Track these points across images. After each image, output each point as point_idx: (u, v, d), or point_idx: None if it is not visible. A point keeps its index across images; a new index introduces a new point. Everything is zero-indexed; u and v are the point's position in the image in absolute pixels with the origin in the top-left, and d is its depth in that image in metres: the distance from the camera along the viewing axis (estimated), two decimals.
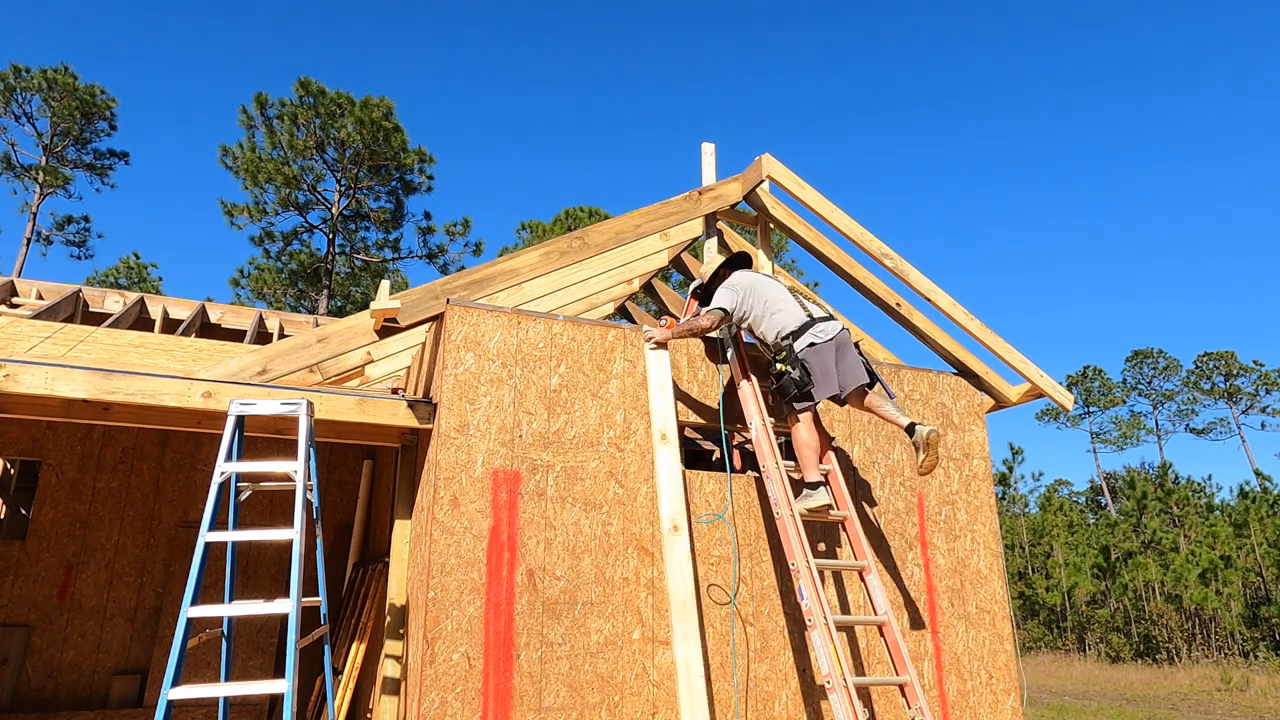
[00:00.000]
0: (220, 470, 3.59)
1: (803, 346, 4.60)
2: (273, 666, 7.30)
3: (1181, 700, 15.33)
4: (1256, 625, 22.62)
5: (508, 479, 4.25)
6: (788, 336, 4.67)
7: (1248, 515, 24.96)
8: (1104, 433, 54.11)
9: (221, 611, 3.48)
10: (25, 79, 27.61)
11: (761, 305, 4.78)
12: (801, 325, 4.66)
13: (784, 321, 4.70)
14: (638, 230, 5.31)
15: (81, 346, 6.23)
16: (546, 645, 4.09)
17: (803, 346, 4.60)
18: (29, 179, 28.66)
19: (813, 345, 4.59)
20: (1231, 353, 51.24)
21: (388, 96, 26.24)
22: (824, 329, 4.66)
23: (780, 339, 4.69)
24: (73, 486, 7.25)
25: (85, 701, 6.88)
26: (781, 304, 4.76)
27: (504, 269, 4.75)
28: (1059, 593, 26.18)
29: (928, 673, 4.99)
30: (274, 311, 9.73)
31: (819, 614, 4.05)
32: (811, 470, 4.53)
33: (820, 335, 4.63)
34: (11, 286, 8.78)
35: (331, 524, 7.73)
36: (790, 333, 4.66)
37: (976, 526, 5.50)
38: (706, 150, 5.84)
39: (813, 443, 4.57)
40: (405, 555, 4.79)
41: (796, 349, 4.60)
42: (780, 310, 4.74)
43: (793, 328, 4.67)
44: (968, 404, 5.80)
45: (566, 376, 4.56)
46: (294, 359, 4.60)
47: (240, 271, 27.23)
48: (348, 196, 26.65)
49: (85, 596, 7.08)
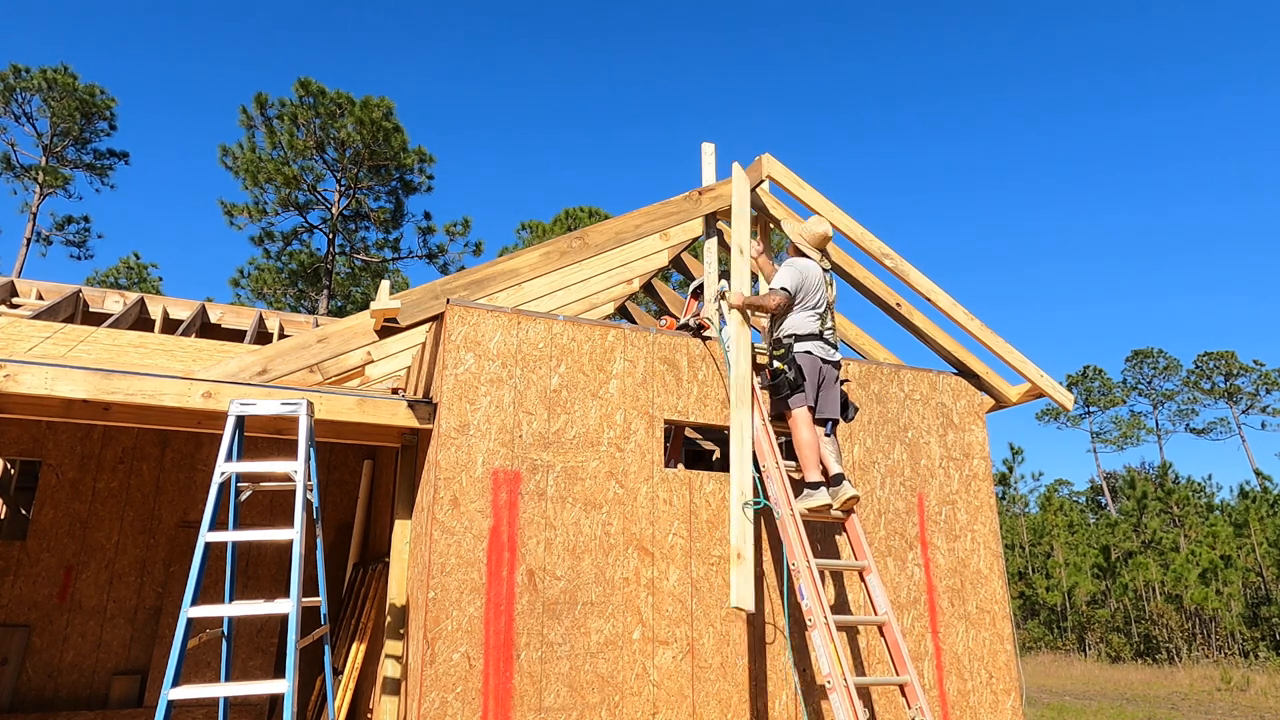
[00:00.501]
0: (220, 470, 3.60)
1: (800, 350, 4.74)
2: (273, 666, 7.30)
3: (1182, 700, 15.33)
4: (1257, 625, 22.62)
5: (508, 479, 4.25)
6: (790, 337, 4.79)
7: (1248, 515, 24.96)
8: (1104, 433, 54.11)
9: (221, 611, 3.48)
10: (25, 79, 27.59)
11: (803, 298, 4.90)
12: (809, 334, 4.80)
13: (802, 324, 4.83)
14: (638, 230, 5.31)
15: (81, 347, 6.23)
16: (546, 645, 4.09)
17: (800, 350, 4.74)
18: (29, 179, 28.65)
19: (809, 353, 4.75)
20: (1231, 353, 51.23)
21: (388, 96, 26.23)
22: (825, 350, 4.81)
23: (784, 336, 4.81)
24: (73, 486, 7.25)
25: (85, 701, 6.88)
26: (813, 308, 4.88)
27: (504, 269, 4.75)
28: (1059, 593, 26.18)
29: (928, 672, 4.99)
30: (274, 311, 9.72)
31: (819, 614, 4.05)
32: (812, 470, 4.56)
33: (817, 350, 4.78)
34: (11, 287, 8.78)
35: (331, 524, 7.73)
36: (797, 335, 4.79)
37: (976, 526, 5.50)
38: (706, 150, 5.84)
39: (812, 442, 4.61)
40: (405, 555, 4.79)
41: (796, 349, 4.73)
42: (808, 313, 4.86)
43: (802, 332, 4.80)
44: (968, 404, 5.80)
45: (566, 376, 4.56)
46: (294, 359, 4.59)
47: (240, 271, 27.22)
48: (348, 196, 26.64)
49: (85, 596, 7.08)
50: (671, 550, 4.52)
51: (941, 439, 5.57)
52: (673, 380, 4.83)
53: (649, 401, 4.72)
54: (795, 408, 4.64)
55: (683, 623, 4.43)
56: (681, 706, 4.29)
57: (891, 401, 5.48)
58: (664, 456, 4.74)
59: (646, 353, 4.80)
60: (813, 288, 4.90)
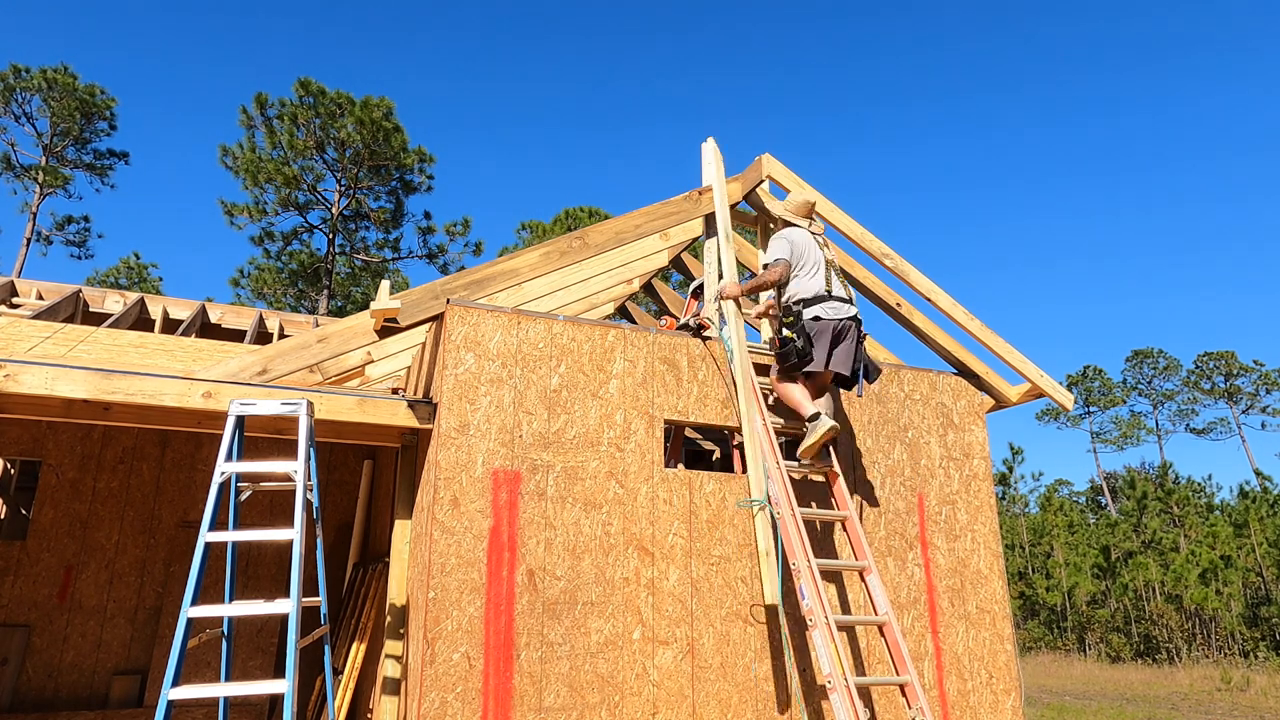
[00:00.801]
0: (220, 470, 3.60)
1: (809, 318, 4.74)
2: (273, 666, 7.30)
3: (1182, 700, 15.33)
4: (1256, 625, 22.63)
5: (508, 479, 4.25)
6: (799, 303, 4.80)
7: (1248, 515, 24.96)
8: (1104, 433, 54.11)
9: (221, 611, 3.48)
10: (25, 79, 27.60)
11: (799, 263, 4.91)
12: (815, 295, 4.79)
13: (804, 287, 4.84)
14: (638, 230, 5.32)
15: (81, 347, 6.23)
16: (547, 645, 4.09)
17: (809, 318, 4.74)
18: (29, 179, 28.65)
19: (818, 319, 4.73)
20: (1231, 353, 51.22)
21: (388, 96, 26.24)
22: (834, 308, 4.78)
23: (793, 303, 4.83)
24: (73, 486, 7.25)
25: (85, 701, 6.88)
26: (811, 269, 4.89)
27: (504, 269, 4.75)
28: (1059, 593, 26.18)
29: (928, 672, 4.99)
30: (274, 311, 9.72)
31: (820, 614, 4.05)
32: (807, 405, 4.68)
33: (828, 312, 4.75)
34: (11, 287, 8.78)
35: (331, 524, 7.73)
36: (803, 299, 4.80)
37: (976, 526, 5.50)
38: (707, 148, 5.83)
39: (804, 390, 4.74)
40: (405, 555, 4.79)
41: (805, 316, 4.74)
42: (807, 275, 4.88)
43: (807, 296, 4.81)
44: (968, 404, 5.80)
45: (566, 376, 4.56)
46: (294, 359, 4.60)
47: (240, 271, 27.23)
48: (348, 196, 26.64)
49: (85, 596, 7.08)
50: (671, 550, 4.52)
51: (941, 439, 5.57)
52: (673, 380, 4.83)
53: (649, 401, 4.72)
54: (802, 373, 4.75)
55: (683, 623, 4.43)
56: (681, 706, 4.29)
57: (891, 401, 5.48)
58: (664, 456, 4.74)
59: (646, 353, 4.80)
60: (806, 251, 4.94)
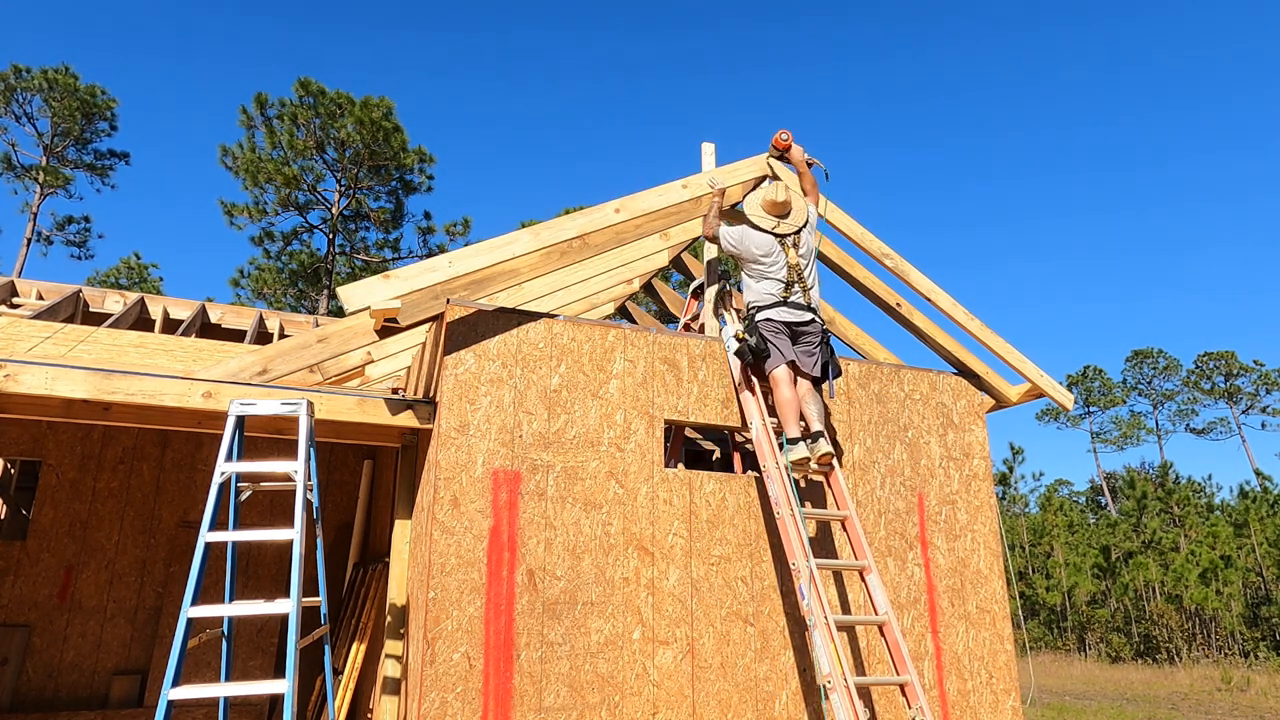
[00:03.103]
0: (220, 470, 3.59)
1: (762, 319, 4.84)
2: (273, 666, 7.30)
3: (1182, 700, 15.33)
4: (1257, 625, 22.63)
5: (508, 479, 4.25)
6: (754, 308, 4.92)
7: (1248, 515, 24.96)
8: (1104, 433, 54.10)
9: (221, 611, 3.48)
10: (25, 79, 27.60)
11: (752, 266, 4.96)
12: (771, 303, 4.88)
13: (761, 293, 4.93)
14: (638, 230, 5.31)
15: (82, 347, 6.23)
16: (547, 645, 4.09)
17: (762, 319, 4.84)
18: (29, 179, 28.66)
19: (770, 320, 4.83)
20: (1231, 353, 51.21)
21: (388, 96, 26.24)
22: (790, 313, 4.86)
23: (751, 307, 4.94)
24: (73, 486, 7.25)
25: (85, 701, 6.88)
26: (767, 273, 4.93)
27: (504, 269, 4.75)
28: (1059, 593, 26.18)
29: (928, 672, 4.99)
30: (274, 311, 9.72)
31: (819, 614, 4.05)
32: (791, 425, 4.66)
33: (783, 315, 4.84)
34: (12, 287, 8.77)
35: (331, 524, 7.73)
36: (758, 305, 4.91)
37: (976, 526, 5.50)
38: (706, 150, 5.83)
39: (792, 400, 4.72)
40: (405, 555, 4.79)
41: (757, 319, 4.85)
42: (762, 279, 4.93)
43: (762, 303, 4.90)
44: (968, 404, 5.80)
45: (566, 376, 4.56)
46: (294, 359, 4.59)
47: (240, 271, 27.21)
48: (348, 196, 26.64)
49: (85, 596, 7.08)
50: (671, 550, 4.52)
51: (941, 439, 5.57)
52: (673, 380, 4.83)
53: (649, 401, 4.72)
54: (771, 369, 4.77)
55: (683, 623, 4.43)
56: (681, 706, 4.29)
57: (891, 401, 5.48)
58: (664, 456, 4.74)
59: (646, 353, 4.80)
60: (760, 254, 4.94)
